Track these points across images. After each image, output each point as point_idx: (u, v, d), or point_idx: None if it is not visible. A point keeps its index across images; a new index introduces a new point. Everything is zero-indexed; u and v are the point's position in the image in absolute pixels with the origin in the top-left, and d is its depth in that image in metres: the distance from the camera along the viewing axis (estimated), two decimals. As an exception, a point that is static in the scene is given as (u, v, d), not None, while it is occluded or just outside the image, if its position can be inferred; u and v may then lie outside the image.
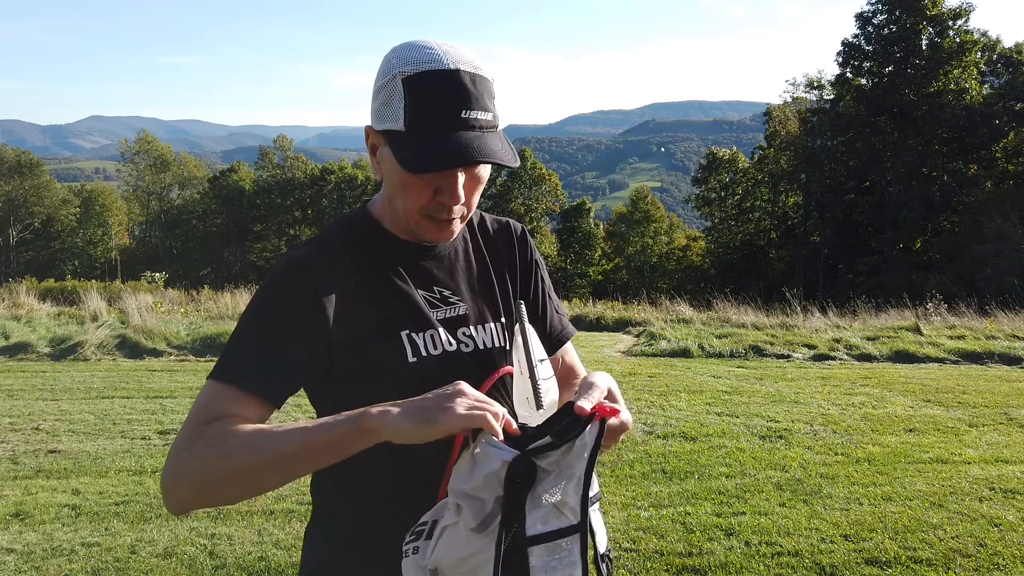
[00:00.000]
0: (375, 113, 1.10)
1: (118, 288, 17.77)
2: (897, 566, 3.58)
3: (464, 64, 1.05)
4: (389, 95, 1.06)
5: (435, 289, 1.20)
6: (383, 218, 1.21)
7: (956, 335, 11.32)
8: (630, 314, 14.17)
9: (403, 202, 1.12)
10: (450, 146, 1.03)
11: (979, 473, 5.02)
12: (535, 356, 1.15)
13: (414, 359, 1.14)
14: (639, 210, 48.73)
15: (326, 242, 1.18)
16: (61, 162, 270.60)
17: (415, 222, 1.14)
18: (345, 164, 58.51)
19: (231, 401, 1.03)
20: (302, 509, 4.19)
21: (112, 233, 57.45)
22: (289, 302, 1.10)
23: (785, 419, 6.47)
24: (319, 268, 1.12)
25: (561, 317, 1.38)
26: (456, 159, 1.03)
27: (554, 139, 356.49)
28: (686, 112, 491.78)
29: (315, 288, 1.10)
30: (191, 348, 10.02)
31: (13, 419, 6.23)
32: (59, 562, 3.55)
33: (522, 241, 1.35)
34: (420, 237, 1.19)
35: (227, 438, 0.98)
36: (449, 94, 1.04)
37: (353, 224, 1.22)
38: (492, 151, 1.05)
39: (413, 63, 1.05)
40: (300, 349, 1.09)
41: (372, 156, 1.15)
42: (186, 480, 0.98)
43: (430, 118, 1.04)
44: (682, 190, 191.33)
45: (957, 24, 35.09)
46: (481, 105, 1.06)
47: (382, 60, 1.11)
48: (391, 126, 1.07)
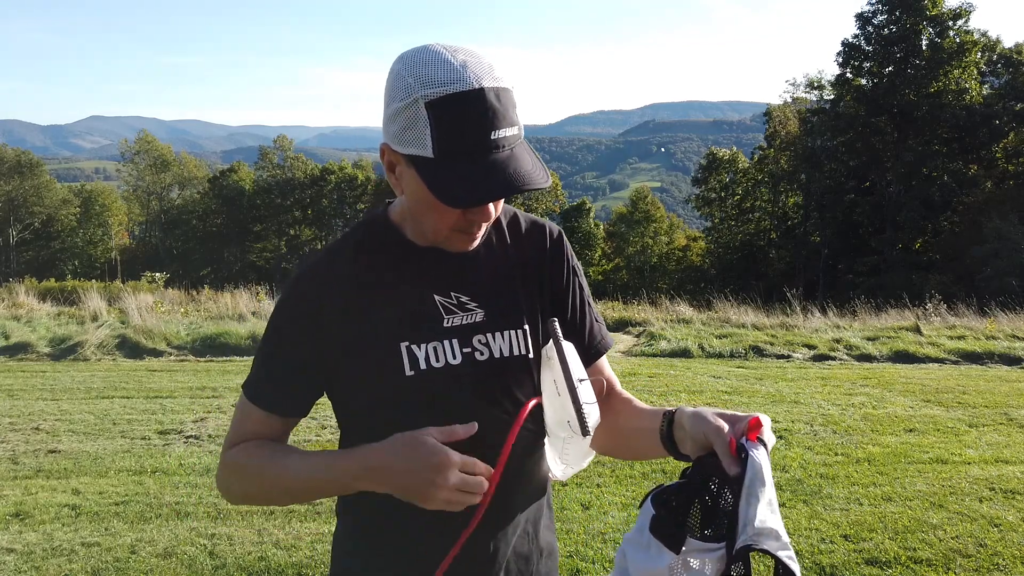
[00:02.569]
0: (395, 136, 1.04)
1: (118, 288, 17.75)
2: (897, 566, 3.58)
3: (487, 79, 1.00)
4: (412, 120, 1.01)
5: (452, 295, 1.17)
6: (403, 225, 1.18)
7: (956, 335, 11.31)
8: (630, 314, 14.16)
9: (432, 222, 1.11)
10: (488, 176, 1.00)
11: (979, 473, 5.02)
12: (575, 376, 1.09)
13: (411, 372, 1.12)
14: (639, 210, 48.71)
15: (336, 254, 1.19)
16: (61, 162, 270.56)
17: (444, 237, 1.13)
18: (345, 164, 58.46)
19: (256, 421, 1.19)
20: (302, 509, 4.19)
21: (112, 233, 57.40)
22: (290, 322, 1.17)
23: (785, 419, 6.47)
24: (317, 284, 1.16)
25: (600, 326, 1.32)
26: (495, 192, 1.01)
27: (554, 139, 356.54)
28: (686, 112, 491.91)
29: (312, 306, 1.15)
30: (191, 348, 10.02)
31: (13, 419, 6.23)
32: (59, 562, 3.55)
33: (557, 246, 1.28)
34: (446, 248, 1.17)
35: (247, 465, 1.17)
36: (478, 117, 0.99)
37: (371, 229, 1.20)
38: (527, 175, 1.02)
39: (434, 84, 0.99)
40: (305, 366, 1.17)
41: (390, 173, 1.11)
42: (225, 491, 1.23)
43: (460, 145, 1.00)
44: (682, 190, 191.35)
45: (957, 24, 35.06)
46: (508, 121, 1.02)
47: (393, 73, 1.05)
48: (417, 152, 1.02)
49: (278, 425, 1.20)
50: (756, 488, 0.88)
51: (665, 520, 0.91)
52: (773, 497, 0.90)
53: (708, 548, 0.88)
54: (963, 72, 34.59)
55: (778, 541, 0.86)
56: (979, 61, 35.21)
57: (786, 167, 40.69)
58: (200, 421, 6.21)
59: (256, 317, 11.71)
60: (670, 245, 48.75)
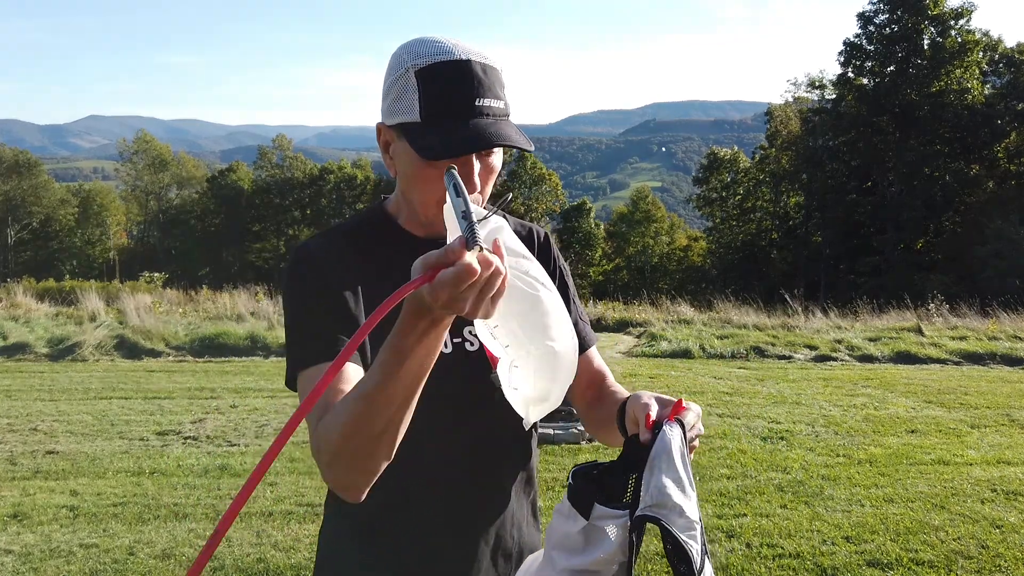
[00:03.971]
0: (388, 109, 1.11)
1: (116, 288, 17.75)
2: (899, 568, 3.56)
3: (474, 55, 1.07)
4: (402, 89, 1.07)
5: None
6: (399, 214, 1.22)
7: (958, 336, 11.30)
8: (631, 315, 14.15)
9: (420, 194, 1.13)
10: (468, 132, 1.05)
11: (981, 475, 5.00)
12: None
13: None
14: (640, 210, 48.69)
15: (333, 235, 1.21)
16: (59, 162, 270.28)
17: (432, 214, 1.14)
18: (344, 164, 58.46)
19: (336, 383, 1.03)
20: (300, 511, 4.18)
21: (110, 233, 57.38)
22: (314, 278, 1.13)
23: (786, 420, 6.45)
24: (326, 254, 1.16)
25: (585, 325, 1.36)
26: (475, 144, 1.04)
27: (554, 139, 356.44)
28: (687, 112, 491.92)
29: (326, 269, 1.14)
30: (189, 348, 10.00)
31: (11, 420, 6.21)
32: (57, 563, 3.53)
33: (545, 248, 1.34)
34: (437, 230, 1.17)
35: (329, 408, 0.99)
36: (462, 83, 1.06)
37: (367, 219, 1.24)
38: (509, 136, 1.07)
39: (424, 56, 1.06)
40: (344, 311, 1.12)
41: (385, 153, 1.16)
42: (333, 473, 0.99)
43: (445, 108, 1.05)
44: (683, 190, 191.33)
45: (959, 24, 35.05)
46: (493, 93, 1.08)
47: (391, 57, 1.12)
48: (406, 119, 1.07)
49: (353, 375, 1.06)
50: (660, 461, 0.94)
51: (577, 490, 0.99)
52: (686, 480, 0.93)
53: (614, 515, 0.95)
54: (965, 72, 34.58)
55: (682, 518, 0.91)
56: (981, 61, 35.19)
57: (787, 167, 40.67)
58: (198, 422, 6.19)
59: (255, 317, 11.69)
60: (671, 245, 48.74)
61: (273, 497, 4.42)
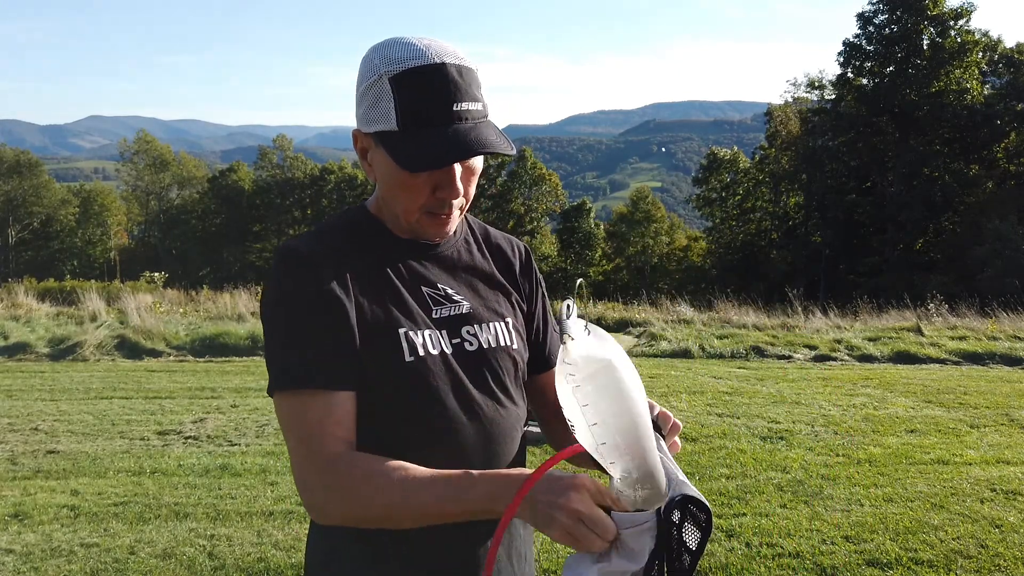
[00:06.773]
0: (363, 116, 1.09)
1: (117, 288, 17.73)
2: (898, 567, 3.57)
3: (448, 56, 1.05)
4: (377, 96, 1.06)
5: (439, 287, 1.19)
6: (382, 217, 1.20)
7: (957, 336, 11.31)
8: (631, 315, 14.14)
9: (402, 202, 1.12)
10: (448, 141, 1.03)
11: (980, 474, 5.00)
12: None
13: (411, 358, 1.12)
14: (640, 210, 48.67)
15: (322, 235, 1.17)
16: (60, 162, 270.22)
17: (415, 220, 1.14)
18: (345, 164, 58.39)
19: (320, 411, 1.04)
20: (301, 511, 4.18)
21: (111, 233, 57.40)
22: (311, 286, 1.08)
23: (786, 420, 6.45)
24: (318, 256, 1.11)
25: (557, 338, 1.36)
26: (456, 154, 1.03)
27: (554, 139, 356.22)
28: (687, 112, 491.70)
29: (322, 272, 1.09)
30: (190, 348, 10.01)
31: (12, 419, 6.22)
32: (58, 563, 3.54)
33: (526, 261, 1.35)
34: (420, 235, 1.18)
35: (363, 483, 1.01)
36: (438, 89, 1.03)
37: (354, 221, 1.20)
38: (489, 141, 1.05)
39: (397, 61, 1.04)
40: (341, 326, 1.08)
41: (363, 160, 1.14)
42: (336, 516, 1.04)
43: (422, 115, 1.04)
44: (683, 190, 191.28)
45: (958, 24, 35.06)
46: (470, 96, 1.06)
47: (362, 61, 1.09)
48: (382, 127, 1.06)
49: (346, 408, 1.06)
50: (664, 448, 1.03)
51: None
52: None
53: (636, 521, 0.92)
54: (964, 72, 34.59)
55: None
56: (980, 61, 35.21)
57: (787, 167, 40.68)
58: (199, 422, 6.20)
59: (255, 317, 11.69)
60: (671, 245, 48.73)
61: (274, 497, 4.43)
